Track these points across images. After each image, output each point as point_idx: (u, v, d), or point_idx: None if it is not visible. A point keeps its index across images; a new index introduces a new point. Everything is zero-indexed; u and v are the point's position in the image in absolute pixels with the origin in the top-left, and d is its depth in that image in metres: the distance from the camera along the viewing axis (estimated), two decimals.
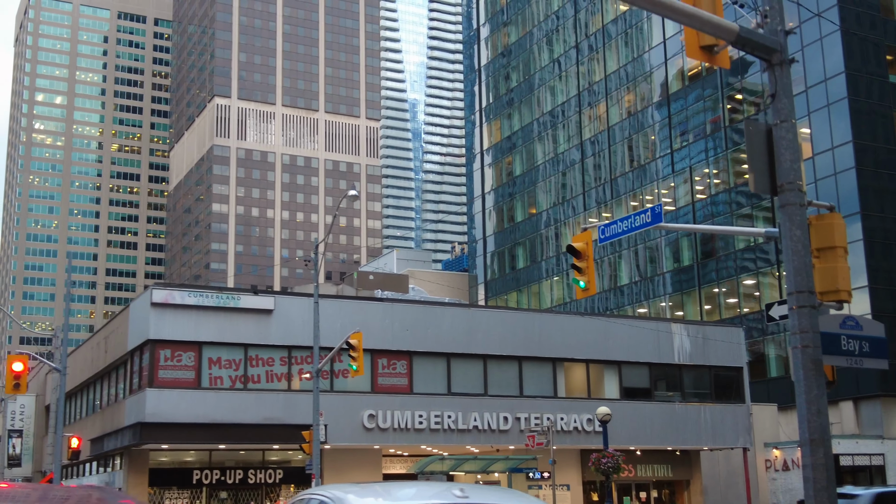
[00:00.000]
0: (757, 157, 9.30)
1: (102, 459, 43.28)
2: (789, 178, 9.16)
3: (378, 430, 38.23)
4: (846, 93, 54.82)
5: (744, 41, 9.19)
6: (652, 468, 46.17)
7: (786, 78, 9.36)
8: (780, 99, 9.26)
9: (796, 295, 9.26)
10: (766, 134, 9.31)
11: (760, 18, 9.43)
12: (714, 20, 8.87)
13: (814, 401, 9.20)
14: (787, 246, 9.19)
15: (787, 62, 9.35)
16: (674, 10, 8.74)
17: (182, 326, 35.57)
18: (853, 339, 10.10)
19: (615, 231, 19.00)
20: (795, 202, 9.18)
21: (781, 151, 9.16)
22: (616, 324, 43.77)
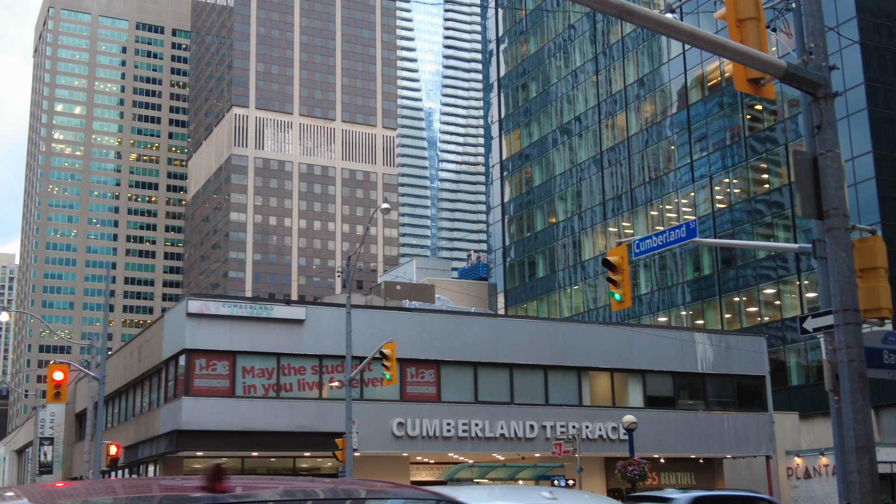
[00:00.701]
0: (804, 184, 10.00)
1: (135, 466, 44.15)
2: (834, 203, 9.87)
3: (407, 437, 38.96)
4: (865, 104, 55.32)
5: (791, 77, 9.89)
6: (675, 476, 46.71)
7: (830, 110, 10.05)
8: (826, 130, 9.96)
9: (842, 313, 9.95)
10: (812, 162, 10.02)
11: (805, 55, 10.12)
12: (764, 58, 9.57)
13: (859, 411, 9.87)
14: (833, 267, 9.89)
15: (831, 96, 10.06)
16: (727, 49, 9.44)
17: (216, 336, 36.41)
18: (895, 353, 10.76)
19: (650, 245, 19.69)
20: (840, 226, 9.88)
21: (827, 179, 9.87)
22: (640, 333, 44.40)
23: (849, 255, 9.92)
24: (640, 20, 9.05)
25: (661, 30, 9.59)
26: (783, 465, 49.71)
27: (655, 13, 9.59)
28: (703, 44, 9.54)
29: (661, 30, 9.60)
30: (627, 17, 8.97)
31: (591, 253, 79.64)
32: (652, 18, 9.42)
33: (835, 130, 9.99)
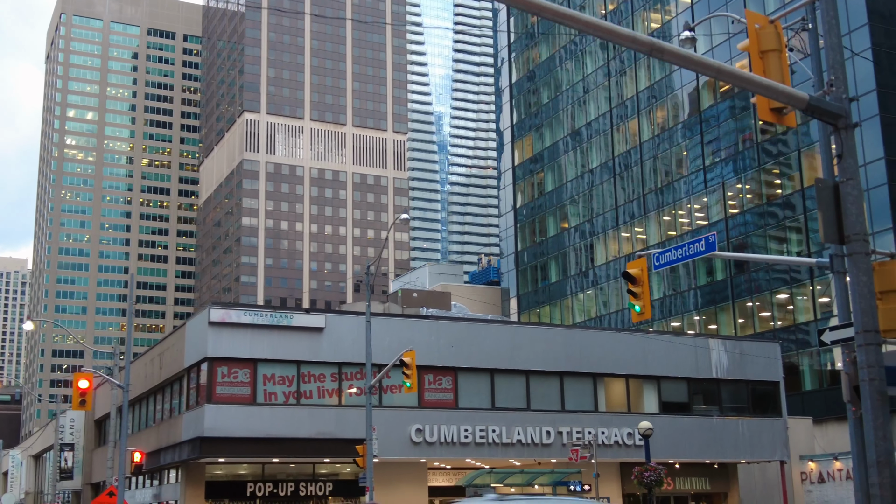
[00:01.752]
0: (826, 211, 10.48)
1: (156, 473, 44.74)
2: (855, 229, 10.35)
3: (425, 443, 39.45)
4: (877, 110, 55.63)
5: (813, 109, 10.37)
6: (690, 481, 47.09)
7: (850, 140, 10.53)
8: (846, 159, 10.45)
9: (863, 334, 10.42)
10: (834, 190, 10.50)
11: (826, 87, 10.60)
12: (788, 91, 10.05)
13: (880, 427, 10.34)
14: (854, 290, 10.37)
15: (851, 126, 10.53)
16: (753, 83, 9.93)
17: (238, 344, 36.99)
18: None
19: (669, 258, 20.11)
20: (861, 251, 10.36)
21: (848, 206, 10.35)
22: (655, 339, 44.84)
23: (869, 278, 10.40)
24: (670, 57, 9.54)
25: (691, 66, 10.08)
26: (797, 469, 50.01)
27: (684, 51, 10.08)
28: (730, 78, 10.03)
29: (690, 66, 10.09)
30: (658, 54, 9.46)
31: (603, 258, 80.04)
32: (681, 55, 9.91)
33: (855, 159, 10.47)
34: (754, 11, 10.76)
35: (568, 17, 9.03)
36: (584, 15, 8.72)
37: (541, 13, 8.89)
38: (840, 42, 11.38)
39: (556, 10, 8.81)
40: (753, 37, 10.64)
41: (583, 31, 9.19)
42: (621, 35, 9.27)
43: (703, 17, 65.83)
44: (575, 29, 8.89)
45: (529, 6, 9.19)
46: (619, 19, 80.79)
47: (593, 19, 9.21)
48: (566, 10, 8.53)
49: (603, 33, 9.34)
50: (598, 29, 9.32)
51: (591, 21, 9.17)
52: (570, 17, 8.93)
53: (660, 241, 73.43)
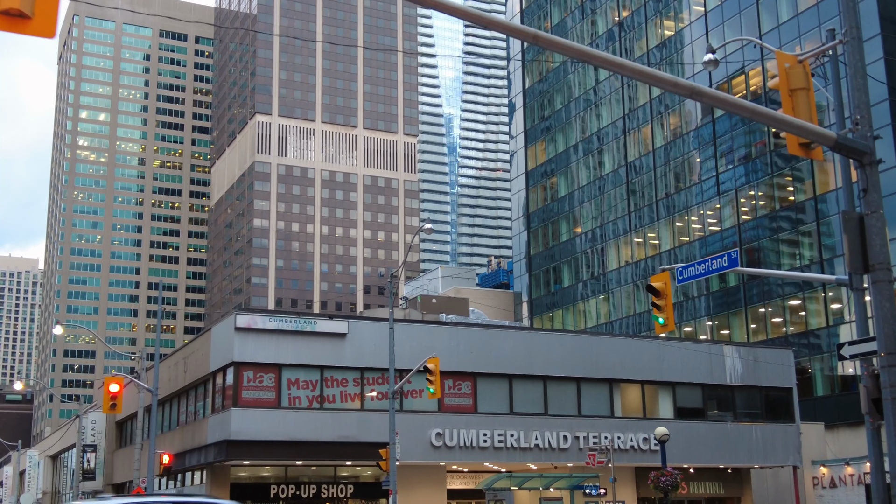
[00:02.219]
0: (852, 241, 11.26)
1: (178, 474, 45.61)
2: (879, 259, 11.13)
3: (445, 447, 40.26)
4: (889, 119, 56.27)
5: (840, 147, 11.16)
6: (704, 485, 47.82)
7: (875, 175, 11.32)
8: (871, 193, 11.23)
9: (887, 356, 11.20)
10: (859, 221, 11.28)
11: (853, 125, 11.38)
12: (817, 130, 10.84)
13: None
14: (878, 315, 11.15)
15: (875, 162, 11.31)
16: (785, 123, 10.71)
17: (263, 349, 37.85)
18: None
19: (693, 273, 20.91)
20: (885, 279, 11.15)
21: (872, 237, 11.13)
22: (670, 346, 45.56)
23: (892, 304, 11.18)
24: (709, 99, 10.34)
25: (727, 107, 10.86)
26: (809, 474, 50.66)
27: (723, 94, 10.86)
28: (764, 119, 10.82)
29: (727, 107, 10.87)
30: (698, 97, 10.25)
31: (615, 263, 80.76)
32: (719, 98, 10.70)
33: (879, 193, 11.25)
34: (782, 52, 11.53)
35: (612, 63, 9.81)
36: (629, 62, 9.44)
37: (590, 60, 9.66)
38: (865, 83, 12.15)
39: (605, 58, 9.59)
40: (783, 76, 11.41)
41: (625, 75, 9.97)
42: (664, 80, 10.05)
43: (719, 33, 66.48)
44: (619, 73, 9.67)
45: (575, 53, 9.96)
46: (633, 26, 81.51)
47: (640, 66, 9.99)
48: (611, 56, 9.25)
49: (646, 78, 10.13)
50: (641, 74, 10.10)
51: (637, 68, 9.96)
52: (615, 63, 9.71)
53: (672, 248, 74.13)
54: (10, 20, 8.15)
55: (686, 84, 10.15)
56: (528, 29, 9.33)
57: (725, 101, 10.84)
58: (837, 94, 14.63)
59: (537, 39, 9.54)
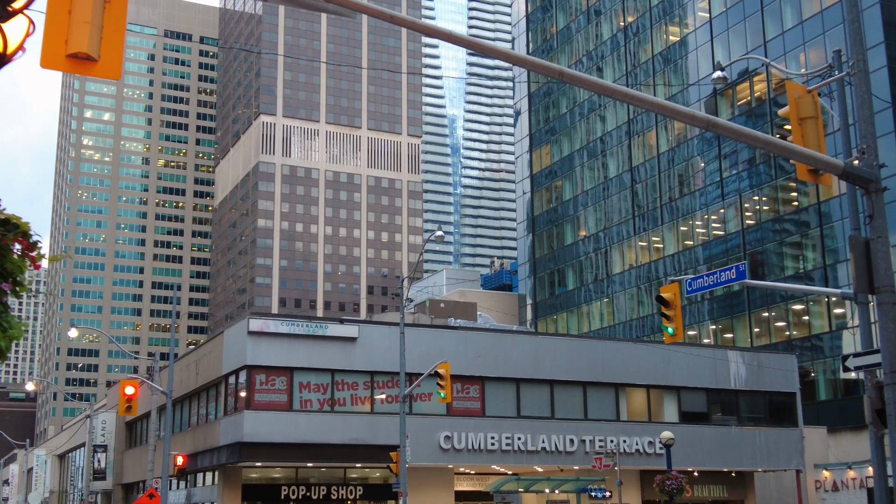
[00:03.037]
0: (859, 265, 11.87)
1: (188, 475, 46.24)
2: (885, 282, 11.74)
3: (453, 450, 40.89)
4: (892, 126, 56.84)
5: (847, 175, 11.78)
6: (708, 488, 48.43)
7: (880, 202, 11.92)
8: (877, 219, 11.84)
9: (891, 374, 11.81)
10: (865, 246, 11.88)
11: (859, 154, 11.99)
12: (825, 159, 11.45)
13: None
14: (883, 335, 11.76)
15: (880, 190, 11.92)
16: (796, 153, 11.32)
17: (275, 353, 38.49)
18: None
19: (701, 284, 21.52)
20: (889, 301, 11.75)
21: (878, 261, 11.74)
22: (675, 351, 46.15)
23: (895, 325, 11.79)
24: (724, 131, 10.94)
25: (742, 139, 11.48)
26: (812, 478, 51.26)
27: (736, 126, 11.47)
28: (776, 149, 11.43)
29: (741, 139, 11.48)
30: (713, 129, 10.86)
31: (620, 267, 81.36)
32: (733, 129, 11.31)
33: (884, 220, 11.85)
34: (792, 82, 12.15)
35: (631, 96, 10.41)
36: (648, 95, 10.00)
37: (612, 94, 10.27)
38: (872, 114, 12.76)
39: (625, 92, 10.19)
40: (793, 105, 12.02)
41: (645, 108, 10.57)
42: (681, 113, 10.66)
43: (724, 40, 67.04)
44: (639, 107, 10.27)
45: (598, 88, 10.56)
46: (638, 31, 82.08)
47: (660, 101, 10.60)
48: (632, 91, 9.81)
49: (666, 111, 10.73)
50: (661, 108, 10.71)
51: (658, 102, 10.57)
52: (634, 97, 10.31)
53: (675, 252, 74.71)
54: (78, 63, 8.75)
55: (703, 117, 10.75)
56: (553, 66, 9.91)
57: (739, 132, 11.45)
58: (844, 120, 15.21)
59: (563, 76, 10.14)
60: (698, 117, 10.74)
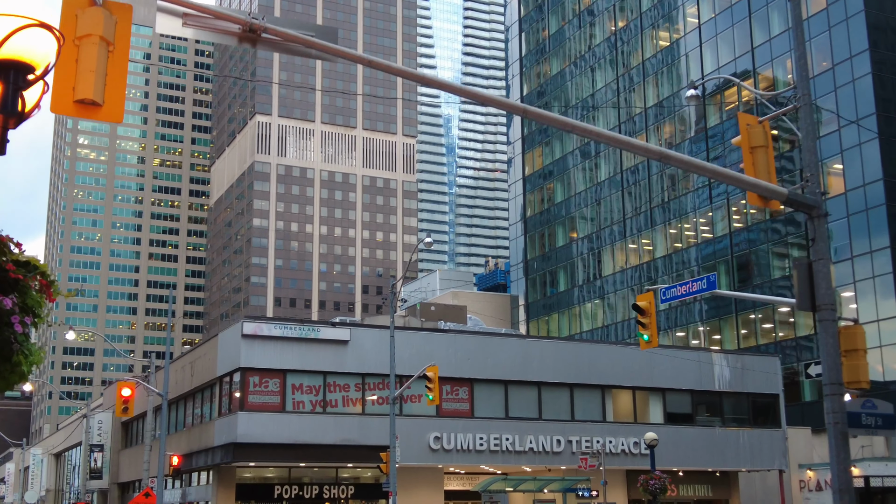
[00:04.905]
0: (802, 284, 12.84)
1: (183, 474, 47.15)
2: (825, 300, 12.70)
3: (442, 450, 41.87)
4: (876, 132, 57.89)
5: (790, 202, 12.74)
6: (693, 488, 49.46)
7: (822, 227, 12.88)
8: (819, 243, 12.81)
9: (830, 385, 12.78)
10: (808, 267, 12.85)
11: (803, 182, 12.96)
12: (771, 188, 12.41)
13: (842, 461, 12.70)
14: (823, 350, 12.73)
15: (823, 216, 12.88)
16: (743, 182, 12.27)
17: (269, 355, 39.44)
18: (870, 416, 13.63)
19: (675, 294, 22.51)
20: (829, 318, 12.72)
21: (819, 281, 12.71)
22: (660, 354, 47.13)
23: (835, 340, 12.76)
24: (676, 162, 11.89)
25: (693, 169, 12.43)
26: (796, 478, 52.28)
27: (687, 157, 12.43)
28: (725, 178, 12.38)
29: (692, 169, 12.44)
30: (666, 160, 11.81)
31: (610, 269, 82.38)
32: (685, 161, 12.26)
33: (825, 243, 12.81)
34: (744, 114, 13.11)
35: (591, 132, 11.35)
36: (606, 131, 10.91)
37: (561, 127, 11.20)
38: (815, 145, 13.73)
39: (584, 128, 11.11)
40: (745, 134, 12.97)
41: (603, 142, 11.52)
42: (635, 146, 11.60)
43: (713, 45, 68.10)
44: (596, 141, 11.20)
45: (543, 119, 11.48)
46: (629, 37, 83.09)
47: (617, 135, 11.55)
48: (589, 126, 10.64)
49: (617, 143, 11.67)
50: (613, 140, 11.65)
51: (614, 136, 11.52)
52: (593, 132, 11.25)
53: (666, 254, 75.74)
54: (84, 108, 9.71)
55: (656, 150, 11.70)
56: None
57: (690, 163, 12.40)
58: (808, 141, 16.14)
59: (527, 113, 11.08)
60: (652, 150, 11.69)
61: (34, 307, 6.64)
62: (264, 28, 9.90)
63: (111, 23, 10.15)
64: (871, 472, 51.11)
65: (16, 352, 6.47)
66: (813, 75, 63.19)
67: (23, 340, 6.52)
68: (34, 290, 6.71)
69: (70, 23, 10.07)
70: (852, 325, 13.69)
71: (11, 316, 6.35)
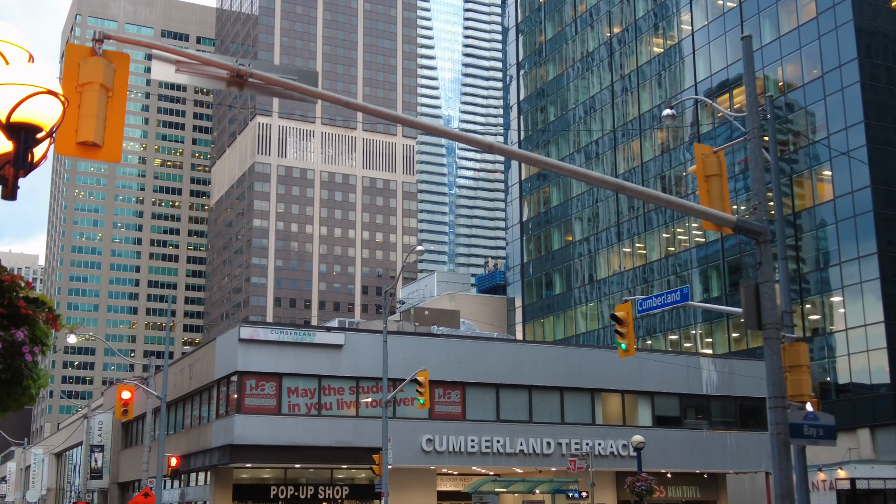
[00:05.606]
0: (748, 304, 13.84)
1: (181, 475, 48.18)
2: (770, 319, 13.69)
3: (435, 452, 42.89)
4: (865, 140, 58.86)
5: (739, 228, 13.74)
6: (682, 489, 50.48)
7: (768, 252, 13.86)
8: (764, 266, 13.80)
9: (773, 399, 13.78)
10: (755, 288, 13.85)
11: (752, 209, 13.95)
12: (721, 215, 13.41)
13: (784, 469, 13.70)
14: (768, 366, 13.73)
15: (769, 241, 13.86)
16: (694, 210, 13.27)
17: (265, 359, 40.47)
18: (812, 427, 14.62)
19: (650, 305, 23.53)
20: (774, 336, 13.72)
21: (765, 302, 13.70)
22: (649, 358, 48.17)
23: (779, 357, 13.76)
24: (631, 192, 12.88)
25: (649, 199, 13.42)
26: None
27: (642, 188, 13.41)
28: (677, 207, 13.39)
29: (649, 199, 13.43)
30: (622, 190, 12.81)
31: (605, 272, 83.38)
32: (640, 192, 13.24)
33: (771, 267, 13.79)
34: (700, 144, 14.10)
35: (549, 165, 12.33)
36: (569, 166, 11.83)
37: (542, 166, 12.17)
38: (762, 176, 14.73)
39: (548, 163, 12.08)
40: (700, 164, 13.97)
41: (565, 174, 12.51)
42: (592, 178, 12.60)
43: (705, 53, 69.07)
44: (558, 173, 12.19)
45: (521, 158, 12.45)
46: (625, 43, 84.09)
47: (577, 168, 12.56)
48: (555, 161, 11.53)
49: (579, 176, 12.67)
50: (573, 173, 12.65)
51: (574, 170, 12.51)
52: (554, 166, 12.23)
53: (659, 258, 76.73)
54: (85, 149, 10.74)
55: (612, 181, 12.69)
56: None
57: (645, 194, 13.39)
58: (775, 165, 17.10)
59: (492, 149, 12.08)
60: (608, 181, 12.68)
61: (42, 338, 7.64)
62: (250, 73, 10.89)
63: (110, 71, 11.18)
64: (858, 474, 52.16)
65: (26, 377, 7.48)
66: (805, 83, 64.22)
67: (32, 367, 7.53)
68: (42, 322, 7.71)
69: (73, 71, 11.12)
70: (796, 343, 14.69)
71: (22, 346, 7.36)
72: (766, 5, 67.66)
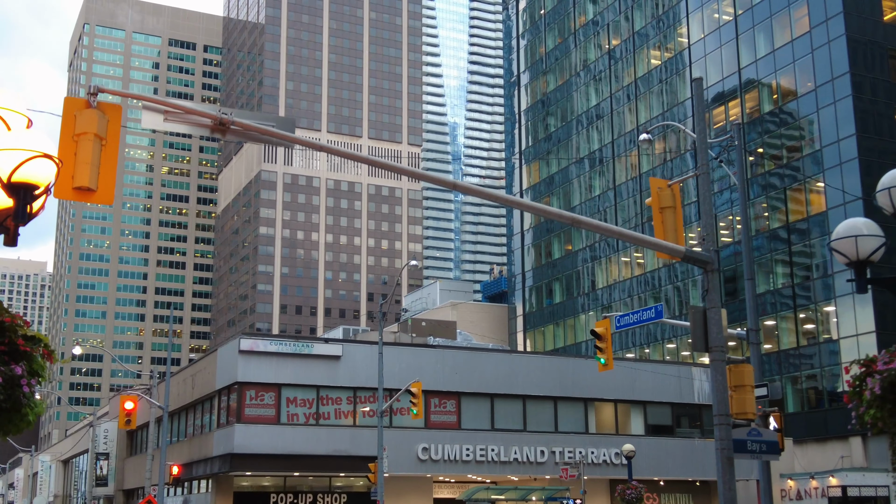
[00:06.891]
0: (696, 328, 14.90)
1: (184, 482, 49.33)
2: (717, 343, 14.75)
3: (430, 461, 43.96)
4: (857, 153, 59.80)
5: (688, 258, 14.79)
6: (674, 497, 51.42)
7: (714, 280, 14.93)
8: (711, 293, 14.86)
9: (718, 416, 14.83)
10: (703, 314, 14.91)
11: (700, 240, 15.00)
12: (670, 246, 14.47)
13: (727, 483, 14.75)
14: (713, 387, 14.78)
15: (716, 270, 14.93)
16: (645, 242, 14.33)
17: (264, 370, 41.59)
18: (755, 442, 15.68)
19: (627, 321, 24.62)
20: (720, 359, 14.79)
21: (711, 327, 14.76)
22: (642, 368, 49.19)
23: (724, 377, 14.82)
24: (587, 226, 13.94)
25: (603, 232, 14.48)
26: (777, 487, 54.13)
27: (596, 221, 14.47)
28: (629, 239, 14.43)
29: (602, 232, 14.49)
30: (577, 224, 13.87)
31: (604, 281, 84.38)
32: (595, 225, 14.31)
33: (717, 293, 14.85)
34: (655, 178, 15.17)
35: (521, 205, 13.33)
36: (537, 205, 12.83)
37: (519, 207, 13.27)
38: (711, 208, 15.77)
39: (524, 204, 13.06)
40: (655, 196, 15.03)
41: (538, 214, 13.55)
42: (550, 213, 13.65)
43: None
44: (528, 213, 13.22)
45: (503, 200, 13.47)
46: (624, 55, 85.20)
47: (543, 207, 13.60)
48: (528, 202, 12.52)
49: (542, 213, 13.74)
50: (539, 210, 13.72)
51: (539, 208, 13.55)
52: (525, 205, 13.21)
53: (656, 268, 77.71)
54: (82, 193, 11.85)
55: (568, 216, 13.77)
56: (448, 180, 12.89)
57: (599, 227, 14.45)
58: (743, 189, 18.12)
59: (456, 186, 13.15)
60: (564, 216, 13.75)
61: (39, 371, 8.74)
62: (231, 122, 11.99)
63: (104, 121, 12.33)
64: (849, 482, 53.05)
65: (24, 405, 8.59)
66: (798, 95, 65.18)
67: (29, 397, 8.63)
68: (39, 357, 8.82)
69: (70, 122, 12.28)
70: (741, 364, 15.76)
71: (21, 379, 8.47)
72: (760, 19, 68.70)
